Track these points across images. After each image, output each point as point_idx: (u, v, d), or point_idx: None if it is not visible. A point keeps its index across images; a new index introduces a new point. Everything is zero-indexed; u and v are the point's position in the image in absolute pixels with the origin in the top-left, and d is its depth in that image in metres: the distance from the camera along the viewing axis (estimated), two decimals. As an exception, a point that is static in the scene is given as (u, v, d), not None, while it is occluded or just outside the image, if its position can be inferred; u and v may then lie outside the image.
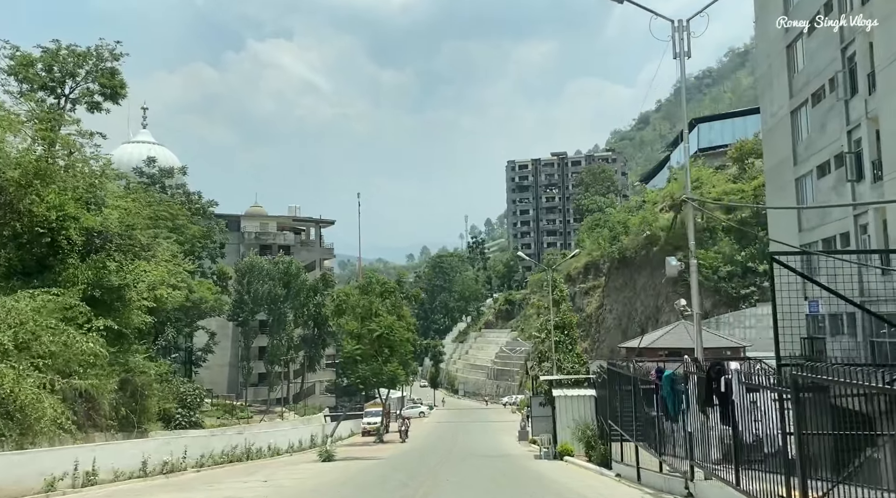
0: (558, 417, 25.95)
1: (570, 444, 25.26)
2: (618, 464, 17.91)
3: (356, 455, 33.91)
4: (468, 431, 51.53)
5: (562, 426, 25.73)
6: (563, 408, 25.81)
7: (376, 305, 31.69)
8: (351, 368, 32.31)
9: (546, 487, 16.03)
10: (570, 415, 25.59)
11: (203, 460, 27.01)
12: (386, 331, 29.69)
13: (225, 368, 76.77)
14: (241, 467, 28.46)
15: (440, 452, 33.31)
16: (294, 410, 68.05)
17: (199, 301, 51.99)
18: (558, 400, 25.98)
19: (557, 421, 25.99)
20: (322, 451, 30.06)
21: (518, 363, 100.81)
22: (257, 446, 33.13)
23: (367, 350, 30.42)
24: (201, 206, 61.62)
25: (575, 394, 25.75)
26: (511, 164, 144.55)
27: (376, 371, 30.98)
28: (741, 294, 64.80)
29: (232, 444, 30.05)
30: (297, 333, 71.86)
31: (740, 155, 75.19)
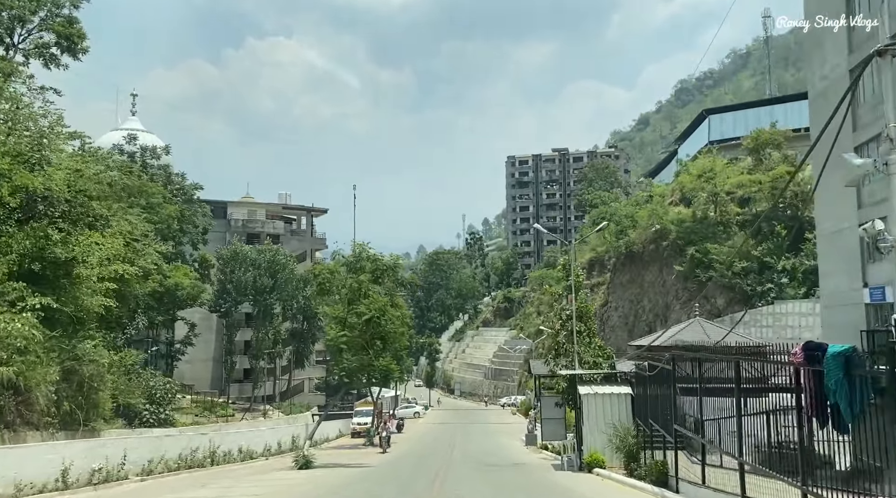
0: (585, 419, 20.92)
1: (599, 452, 20.24)
2: (694, 487, 12.85)
3: (341, 461, 28.84)
4: (467, 433, 46.48)
5: (590, 431, 20.71)
6: (591, 409, 20.78)
7: (366, 285, 26.69)
8: (335, 359, 27.15)
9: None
10: (600, 417, 20.58)
11: (152, 467, 21.94)
12: (377, 314, 24.70)
13: (208, 363, 71.46)
14: (200, 475, 23.37)
15: (438, 459, 28.26)
16: (280, 408, 62.81)
17: (173, 287, 46.84)
18: (586, 399, 20.94)
19: (585, 424, 20.96)
20: (299, 456, 25.00)
21: (517, 363, 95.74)
22: (225, 449, 28.04)
23: (355, 338, 25.46)
24: (182, 188, 56.54)
25: (608, 392, 20.73)
26: (511, 160, 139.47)
27: (365, 363, 25.92)
28: (757, 291, 59.88)
29: (191, 446, 24.98)
30: (284, 327, 66.62)
31: (756, 145, 70.38)
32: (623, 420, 20.35)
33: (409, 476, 20.83)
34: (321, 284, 25.29)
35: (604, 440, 20.47)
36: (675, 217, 70.48)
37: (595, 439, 20.60)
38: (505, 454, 31.15)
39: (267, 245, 62.41)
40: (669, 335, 29.69)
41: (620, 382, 21.76)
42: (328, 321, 28.03)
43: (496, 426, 53.02)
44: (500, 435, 44.49)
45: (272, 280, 59.89)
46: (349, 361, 25.04)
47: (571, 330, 27.99)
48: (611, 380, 22.43)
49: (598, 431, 20.60)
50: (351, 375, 25.30)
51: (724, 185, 66.52)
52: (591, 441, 20.66)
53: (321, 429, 44.63)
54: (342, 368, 25.21)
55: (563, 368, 27.62)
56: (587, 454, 20.52)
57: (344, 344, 25.17)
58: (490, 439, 41.14)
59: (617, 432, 18.49)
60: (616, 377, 22.82)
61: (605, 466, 19.94)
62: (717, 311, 59.21)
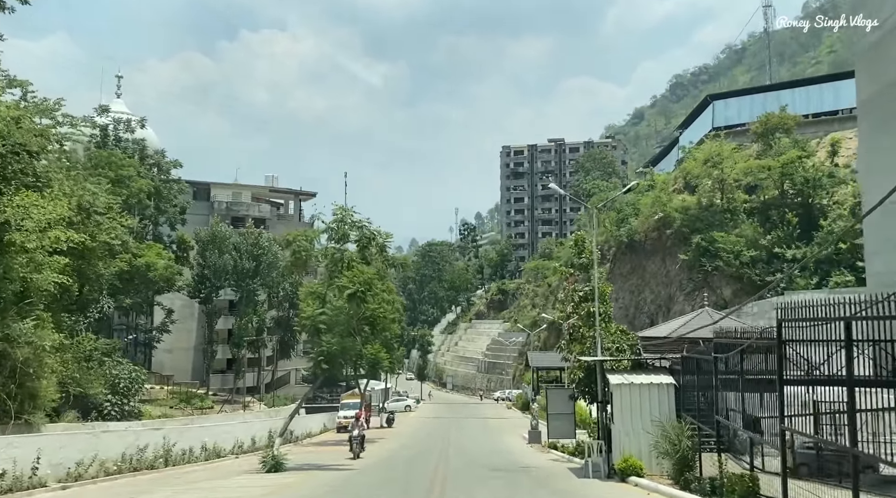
0: (616, 415, 16.65)
1: (634, 456, 15.98)
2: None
3: (320, 461, 24.51)
4: (463, 428, 42.23)
5: (623, 429, 16.44)
6: (624, 402, 16.50)
7: (350, 255, 22.29)
8: (312, 341, 22.76)
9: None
10: (636, 412, 16.33)
11: (81, 470, 17.50)
12: (362, 288, 20.40)
13: (190, 353, 66.88)
14: (143, 480, 18.96)
15: (433, 461, 23.99)
16: (263, 400, 58.40)
17: (144, 268, 42.30)
18: (617, 391, 16.66)
19: (615, 421, 16.69)
20: (267, 457, 20.62)
21: (511, 356, 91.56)
22: (185, 447, 23.63)
23: (336, 317, 21.16)
24: (159, 164, 51.95)
25: (646, 381, 16.45)
26: (506, 150, 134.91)
27: (348, 347, 21.56)
28: (766, 281, 55.89)
29: (139, 444, 20.55)
30: (270, 315, 62.06)
31: (765, 130, 66.35)
32: (665, 416, 16.13)
33: (399, 484, 16.54)
34: (296, 253, 20.92)
35: (639, 441, 16.24)
36: (679, 205, 66.42)
37: (630, 440, 16.34)
38: (509, 455, 26.90)
39: (249, 227, 57.80)
40: (677, 326, 26.16)
41: (656, 371, 17.48)
42: (304, 297, 23.72)
43: (493, 422, 48.79)
44: (499, 431, 40.26)
45: (254, 264, 55.30)
46: (329, 343, 20.73)
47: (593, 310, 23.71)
48: (641, 368, 18.13)
49: (634, 429, 16.36)
50: (331, 360, 20.95)
51: (731, 171, 62.46)
52: (624, 442, 16.40)
53: (303, 423, 40.31)
54: (320, 352, 20.87)
55: (583, 354, 23.34)
56: (619, 458, 16.25)
57: (323, 323, 20.83)
58: (488, 437, 36.90)
59: (665, 433, 14.20)
60: (645, 365, 18.53)
61: (643, 474, 15.70)
62: (724, 302, 55.15)
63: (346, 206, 22.05)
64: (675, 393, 16.36)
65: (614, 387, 16.76)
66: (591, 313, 24.36)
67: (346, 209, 21.94)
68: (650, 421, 16.23)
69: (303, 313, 21.45)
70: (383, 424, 46.79)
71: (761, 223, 59.28)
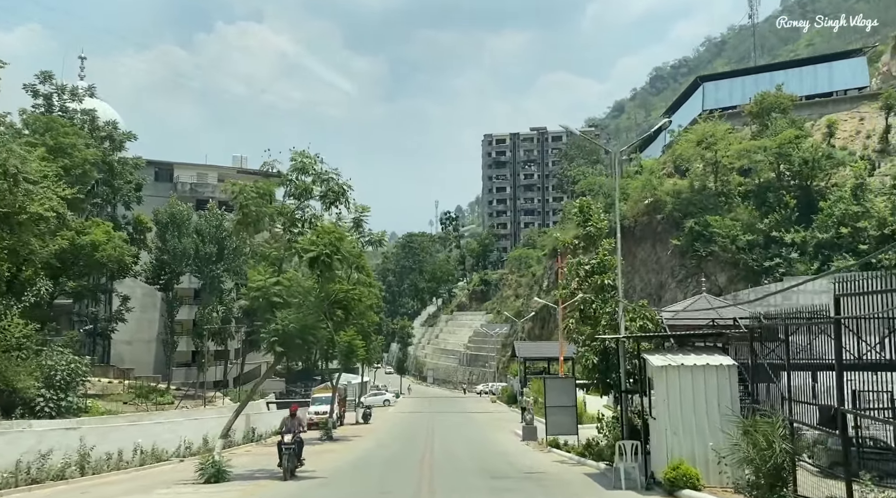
0: (661, 407, 12.39)
1: (687, 462, 11.74)
2: None
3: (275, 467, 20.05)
4: (447, 424, 37.92)
5: (671, 425, 12.17)
6: (672, 390, 12.23)
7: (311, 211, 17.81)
8: (262, 317, 17.97)
9: None
10: (687, 404, 12.10)
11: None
12: (326, 251, 15.83)
13: (151, 345, 61.63)
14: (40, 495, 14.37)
15: (416, 464, 19.67)
16: (228, 394, 53.50)
17: (89, 248, 37.32)
18: (662, 375, 12.37)
19: (661, 415, 12.42)
20: (206, 463, 16.09)
21: (494, 348, 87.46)
22: (109, 451, 19.01)
23: (293, 287, 16.68)
24: (110, 135, 46.74)
25: (701, 363, 12.20)
26: (488, 138, 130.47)
27: (310, 325, 16.95)
28: (764, 267, 52.48)
29: (41, 449, 15.92)
30: (238, 305, 57.09)
31: (761, 110, 62.92)
32: (726, 408, 11.93)
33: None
34: (244, 208, 16.36)
35: (692, 441, 12.01)
36: (670, 188, 62.83)
37: (680, 441, 12.09)
38: (504, 456, 22.61)
39: (212, 207, 52.81)
40: (674, 312, 23.99)
41: (708, 351, 13.24)
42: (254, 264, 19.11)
43: (479, 417, 44.51)
44: (487, 427, 36.00)
45: (217, 248, 50.37)
46: (285, 320, 16.22)
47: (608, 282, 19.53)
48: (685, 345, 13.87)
49: (685, 425, 12.12)
50: (288, 342, 16.40)
51: (726, 153, 58.87)
52: (672, 443, 12.14)
53: (267, 420, 35.68)
54: (274, 331, 16.32)
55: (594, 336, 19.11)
56: (665, 465, 12.00)
57: (278, 296, 16.30)
58: (477, 434, 32.61)
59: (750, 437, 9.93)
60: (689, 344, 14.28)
61: (700, 487, 11.48)
62: (718, 289, 51.48)
63: (307, 152, 17.47)
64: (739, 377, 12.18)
65: (656, 371, 12.49)
66: (605, 286, 20.19)
67: (307, 156, 17.38)
68: (706, 414, 12.01)
69: (251, 282, 16.88)
70: (359, 419, 42.37)
71: (757, 206, 55.92)
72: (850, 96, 67.17)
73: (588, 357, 18.71)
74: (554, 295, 66.80)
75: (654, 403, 12.68)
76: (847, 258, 48.21)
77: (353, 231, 33.07)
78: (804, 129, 59.58)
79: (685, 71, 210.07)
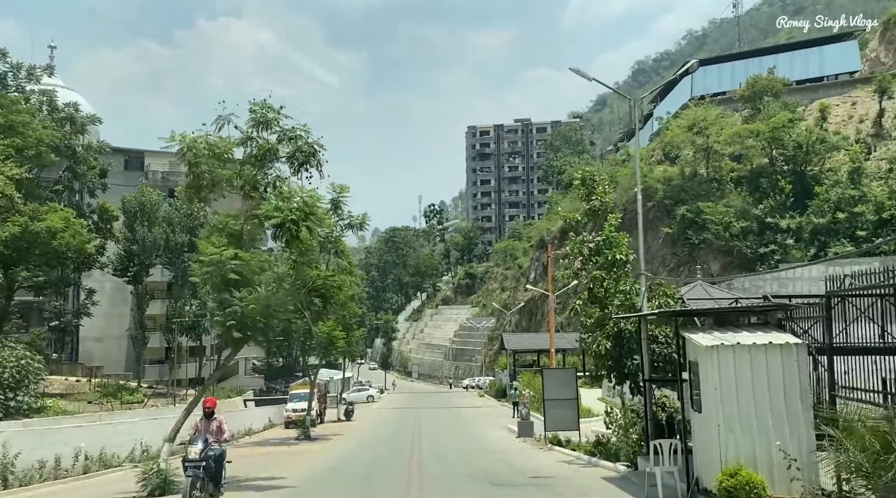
0: (710, 397, 9.77)
1: (744, 466, 9.15)
2: None
3: (241, 472, 17.24)
4: (434, 421, 35.24)
5: (726, 420, 9.55)
6: (725, 376, 9.62)
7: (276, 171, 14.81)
8: (215, 297, 14.80)
9: None
10: (744, 392, 9.51)
11: None
12: (292, 216, 12.93)
13: (122, 341, 58.30)
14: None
15: (403, 466, 17.00)
16: (203, 393, 50.38)
17: (45, 235, 34.07)
18: (711, 358, 9.73)
19: (709, 407, 9.80)
20: (150, 472, 13.26)
21: (480, 342, 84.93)
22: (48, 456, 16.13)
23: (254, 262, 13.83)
24: (71, 117, 43.40)
25: (762, 341, 9.62)
26: (471, 130, 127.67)
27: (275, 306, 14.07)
28: (759, 254, 50.54)
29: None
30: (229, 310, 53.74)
31: (753, 94, 60.91)
32: (796, 398, 9.38)
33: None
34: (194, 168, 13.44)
35: (753, 441, 9.44)
36: (660, 175, 60.66)
37: (737, 440, 9.50)
38: (500, 455, 19.99)
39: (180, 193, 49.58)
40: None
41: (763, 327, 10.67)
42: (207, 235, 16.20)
43: (468, 412, 41.89)
44: (478, 423, 33.36)
45: (189, 238, 47.22)
46: (245, 300, 13.40)
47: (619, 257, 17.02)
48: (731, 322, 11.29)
49: (743, 421, 9.53)
50: (249, 325, 13.60)
51: (718, 138, 56.85)
52: (727, 443, 9.54)
53: (241, 418, 32.82)
54: (231, 313, 13.48)
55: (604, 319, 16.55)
56: (718, 469, 9.40)
57: (236, 272, 13.49)
58: (467, 430, 29.97)
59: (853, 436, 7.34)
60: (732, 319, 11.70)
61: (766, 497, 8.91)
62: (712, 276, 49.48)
63: (268, 103, 14.61)
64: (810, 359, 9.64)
65: (704, 353, 9.87)
66: (618, 261, 17.65)
67: (269, 107, 14.54)
68: (769, 406, 9.44)
69: (203, 256, 13.96)
70: (341, 417, 39.60)
71: (750, 192, 54.00)
72: (842, 81, 65.42)
73: (600, 342, 16.12)
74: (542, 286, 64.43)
75: (700, 393, 10.06)
76: (844, 244, 46.38)
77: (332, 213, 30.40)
78: (797, 114, 57.79)
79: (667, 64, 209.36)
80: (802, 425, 9.33)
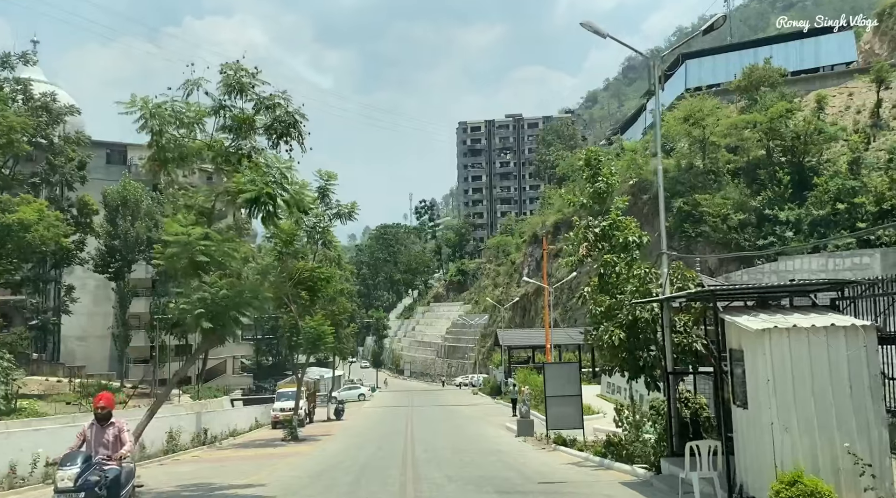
0: (759, 391, 8.20)
1: (804, 470, 7.59)
2: None
3: (213, 477, 15.55)
4: (428, 420, 33.60)
5: (780, 416, 7.96)
6: (778, 366, 8.06)
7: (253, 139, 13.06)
8: (183, 281, 12.93)
9: None
10: (804, 385, 7.92)
11: None
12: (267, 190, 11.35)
13: (106, 341, 56.34)
14: None
15: (393, 471, 15.36)
16: (188, 392, 48.64)
17: (17, 228, 32.18)
18: (763, 342, 8.16)
19: (759, 403, 8.22)
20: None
21: (473, 339, 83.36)
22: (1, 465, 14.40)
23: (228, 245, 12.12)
24: (46, 106, 41.43)
25: (823, 323, 8.06)
26: (462, 126, 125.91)
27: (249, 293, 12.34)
28: (757, 246, 49.27)
29: None
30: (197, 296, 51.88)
31: (749, 84, 59.64)
32: (863, 390, 7.82)
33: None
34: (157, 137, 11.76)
35: (813, 442, 7.86)
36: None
37: (794, 440, 7.91)
38: (501, 456, 18.39)
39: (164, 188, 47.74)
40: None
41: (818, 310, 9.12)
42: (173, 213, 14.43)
43: (462, 410, 40.29)
44: (474, 422, 31.76)
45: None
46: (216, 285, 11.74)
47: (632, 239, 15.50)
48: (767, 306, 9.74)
49: (801, 418, 7.94)
50: (219, 315, 11.93)
51: (714, 129, 55.66)
52: (782, 444, 7.95)
53: (224, 419, 31.01)
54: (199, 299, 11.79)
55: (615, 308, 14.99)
56: (773, 476, 7.81)
57: (205, 255, 11.80)
58: (464, 430, 28.34)
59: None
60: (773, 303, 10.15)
61: (834, 510, 7.34)
62: (709, 271, 48.04)
63: (243, 65, 12.91)
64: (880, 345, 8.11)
65: (752, 338, 8.28)
66: (631, 244, 16.12)
67: (244, 69, 12.86)
68: (832, 400, 7.87)
69: (167, 235, 12.20)
70: (331, 416, 37.92)
71: (748, 184, 52.81)
72: (838, 72, 64.35)
73: (613, 333, 14.51)
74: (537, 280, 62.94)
75: (746, 386, 8.47)
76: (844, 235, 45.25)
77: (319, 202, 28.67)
78: (794, 104, 56.64)
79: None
80: (874, 423, 7.78)
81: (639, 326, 14.40)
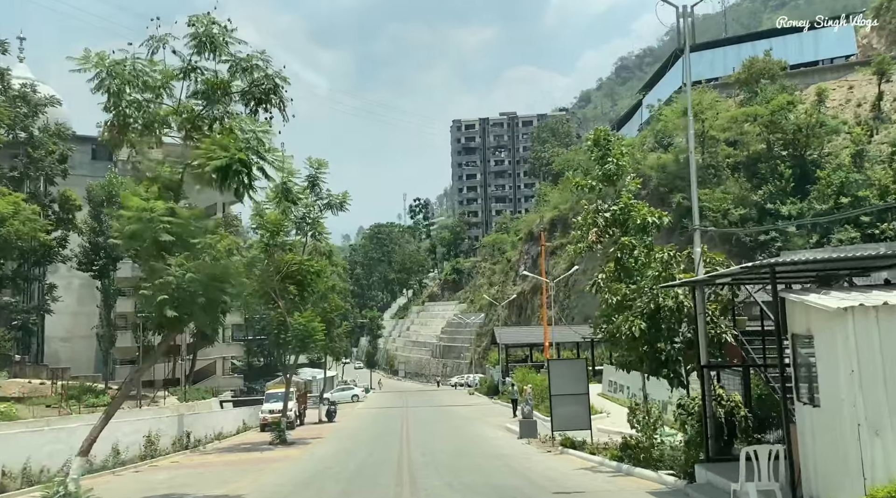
0: (840, 385, 6.65)
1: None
2: None
3: (191, 487, 13.91)
4: (424, 421, 31.95)
5: (869, 417, 6.41)
6: (865, 353, 6.52)
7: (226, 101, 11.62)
8: (144, 263, 11.39)
9: None
10: (893, 374, 6.37)
11: None
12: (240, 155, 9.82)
13: (91, 341, 54.28)
14: None
15: (387, 480, 13.74)
16: (176, 394, 46.74)
17: (-10, 221, 30.36)
18: (844, 325, 6.63)
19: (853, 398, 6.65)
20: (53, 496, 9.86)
21: (469, 338, 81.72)
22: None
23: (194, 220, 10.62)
24: (25, 96, 39.59)
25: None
26: (456, 124, 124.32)
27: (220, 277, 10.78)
28: (758, 242, 47.95)
29: None
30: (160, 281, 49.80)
31: (749, 77, 58.36)
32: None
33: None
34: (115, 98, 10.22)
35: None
36: (654, 163, 58.00)
37: (887, 446, 6.33)
38: (507, 461, 16.79)
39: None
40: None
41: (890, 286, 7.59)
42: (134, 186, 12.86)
43: (459, 411, 38.66)
44: (472, 423, 30.15)
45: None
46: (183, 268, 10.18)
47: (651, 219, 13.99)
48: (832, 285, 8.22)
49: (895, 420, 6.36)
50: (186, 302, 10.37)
51: (714, 122, 54.39)
52: (870, 450, 6.38)
53: (210, 421, 29.36)
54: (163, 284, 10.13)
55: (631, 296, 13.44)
56: (862, 490, 6.25)
57: (170, 232, 10.21)
58: (462, 431, 26.71)
59: None
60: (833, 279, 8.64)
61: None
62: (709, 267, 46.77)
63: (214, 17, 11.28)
64: None
65: (829, 320, 6.74)
66: (649, 225, 14.60)
67: (214, 21, 11.26)
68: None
69: (126, 210, 10.65)
70: (322, 418, 36.27)
71: (748, 179, 51.51)
72: (838, 65, 63.12)
73: (633, 322, 12.91)
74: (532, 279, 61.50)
75: (819, 379, 6.90)
76: (848, 230, 43.92)
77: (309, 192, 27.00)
78: (795, 97, 55.40)
79: (650, 60, 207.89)
80: None
81: (661, 316, 12.85)
